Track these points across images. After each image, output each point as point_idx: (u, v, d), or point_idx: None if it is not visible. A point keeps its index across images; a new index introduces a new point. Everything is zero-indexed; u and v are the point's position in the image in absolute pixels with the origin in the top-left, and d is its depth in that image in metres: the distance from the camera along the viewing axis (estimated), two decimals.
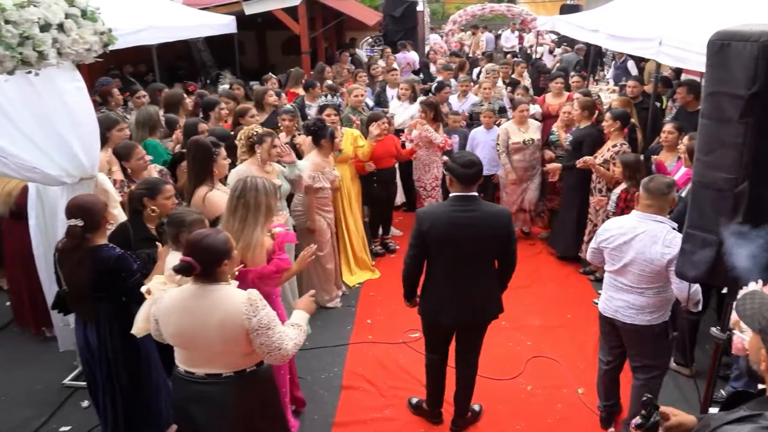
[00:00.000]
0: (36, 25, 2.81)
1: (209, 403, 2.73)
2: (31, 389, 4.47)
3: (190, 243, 2.63)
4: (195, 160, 4.15)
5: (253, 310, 2.61)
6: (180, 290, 2.72)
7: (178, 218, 3.18)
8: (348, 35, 15.31)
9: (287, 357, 2.73)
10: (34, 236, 4.10)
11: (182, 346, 2.75)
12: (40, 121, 3.33)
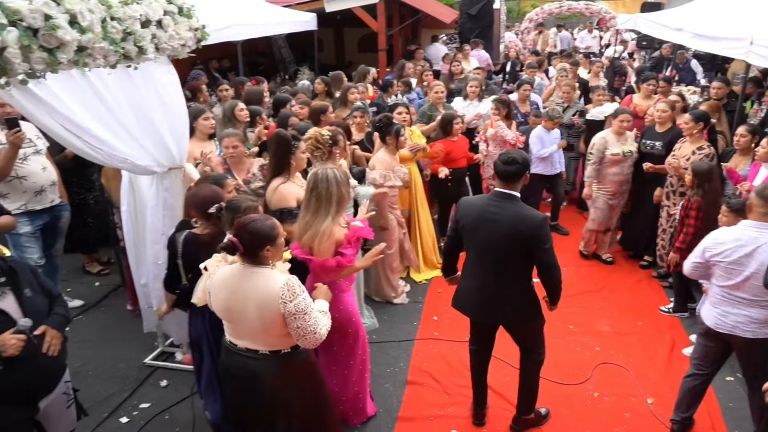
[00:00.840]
0: (138, 21, 2.96)
1: (246, 375, 2.92)
2: (116, 366, 4.68)
3: (239, 225, 2.81)
4: (275, 151, 4.26)
5: (290, 296, 2.73)
6: (228, 268, 2.89)
7: (234, 204, 3.28)
8: (424, 33, 15.26)
9: (320, 341, 2.85)
10: (125, 223, 4.29)
11: (227, 318, 2.95)
12: (137, 112, 3.49)
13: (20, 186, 4.64)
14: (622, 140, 6.08)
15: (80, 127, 3.17)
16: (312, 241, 3.39)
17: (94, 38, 2.63)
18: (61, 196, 5.03)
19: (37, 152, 4.75)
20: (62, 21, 2.42)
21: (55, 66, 2.48)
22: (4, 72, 2.26)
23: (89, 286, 5.96)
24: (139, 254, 4.29)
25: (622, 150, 6.04)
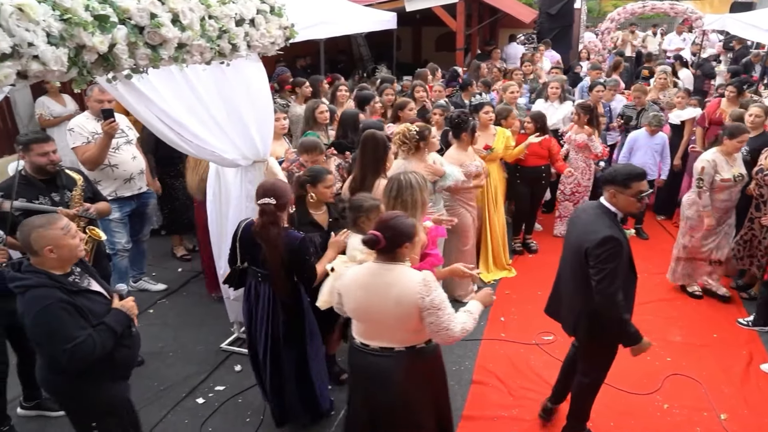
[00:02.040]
0: (233, 20, 3.04)
1: (380, 374, 2.91)
2: (194, 349, 4.83)
3: (381, 220, 2.84)
4: (369, 152, 4.27)
5: (427, 291, 2.72)
6: (362, 267, 2.92)
7: (357, 204, 3.33)
8: (502, 32, 15.05)
9: (453, 338, 2.81)
10: (210, 212, 4.42)
11: (360, 319, 2.95)
12: (227, 107, 3.60)
13: (111, 173, 4.88)
14: (731, 161, 5.30)
15: (175, 120, 3.31)
16: None
17: (193, 36, 2.72)
18: (148, 184, 5.26)
19: (128, 142, 4.99)
20: (166, 19, 2.52)
21: (157, 62, 2.58)
22: (112, 67, 2.37)
23: (173, 272, 6.19)
24: (221, 244, 4.40)
25: (733, 174, 5.25)
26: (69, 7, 2.09)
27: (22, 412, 4.02)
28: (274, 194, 3.36)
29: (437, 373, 3.14)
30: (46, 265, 2.68)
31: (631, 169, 3.22)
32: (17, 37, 1.92)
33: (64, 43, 2.10)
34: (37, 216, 2.78)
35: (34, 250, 2.66)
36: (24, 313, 2.62)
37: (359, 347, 2.98)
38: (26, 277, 2.63)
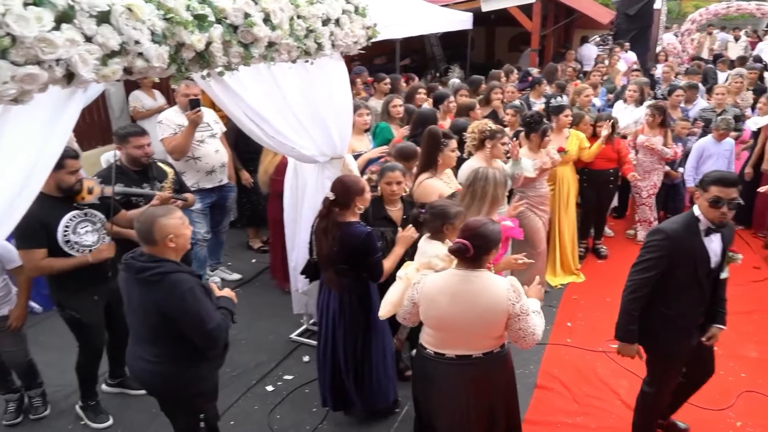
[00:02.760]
0: (319, 20, 3.10)
1: (457, 383, 2.86)
2: (265, 338, 4.94)
3: (469, 227, 2.76)
4: (425, 146, 4.29)
5: (517, 297, 2.69)
6: (445, 275, 2.84)
7: (442, 210, 3.26)
8: (577, 33, 14.68)
9: (536, 342, 2.79)
10: (287, 206, 4.51)
11: (439, 328, 2.86)
12: (309, 104, 3.67)
13: (195, 165, 5.06)
14: None
15: (260, 116, 3.39)
16: None
17: (282, 35, 2.79)
18: (229, 178, 5.41)
19: (213, 136, 5.16)
20: (258, 19, 2.59)
21: (248, 60, 2.66)
22: (207, 64, 2.46)
23: (247, 263, 6.35)
24: (295, 238, 4.49)
25: None
26: (172, 7, 2.17)
27: (106, 388, 4.23)
28: (336, 189, 3.42)
29: (509, 377, 3.09)
30: (163, 254, 2.75)
31: (718, 174, 3.09)
32: (125, 36, 2.01)
33: (166, 41, 2.19)
34: (157, 207, 2.90)
35: (155, 239, 2.71)
36: (166, 299, 2.68)
37: (432, 357, 2.90)
38: (159, 264, 2.69)
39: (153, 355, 2.84)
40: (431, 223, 3.27)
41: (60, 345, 4.15)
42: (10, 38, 1.67)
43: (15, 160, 2.01)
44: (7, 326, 3.67)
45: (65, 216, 3.45)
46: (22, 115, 1.95)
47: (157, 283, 2.68)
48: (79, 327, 3.72)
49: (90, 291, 3.61)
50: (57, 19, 1.79)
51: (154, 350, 2.84)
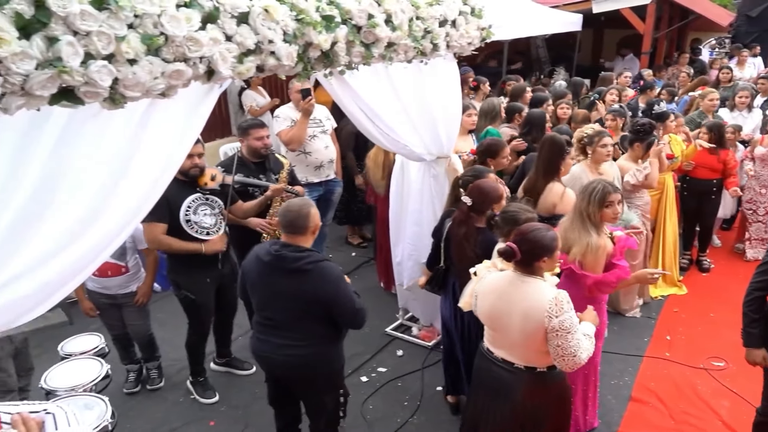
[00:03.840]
0: (437, 21, 3.10)
1: (498, 386, 2.82)
2: (362, 330, 5.04)
3: (520, 232, 2.72)
4: (546, 154, 4.17)
5: (557, 311, 2.56)
6: (499, 275, 2.83)
7: (512, 216, 3.20)
8: (691, 36, 13.87)
9: (578, 365, 2.64)
10: (392, 202, 4.58)
11: (489, 325, 2.88)
12: (421, 104, 3.69)
13: (305, 160, 5.22)
14: None
15: (376, 114, 3.46)
16: (582, 255, 3.25)
17: (401, 35, 2.82)
18: (336, 173, 5.54)
19: (324, 132, 5.32)
20: (380, 20, 2.64)
21: (368, 59, 2.71)
22: (330, 63, 2.53)
23: (347, 255, 6.50)
24: (399, 234, 4.54)
25: None
26: (303, 8, 2.25)
27: (214, 367, 4.47)
28: (474, 195, 3.41)
29: (560, 404, 2.91)
30: (306, 243, 2.89)
31: None
32: (261, 35, 2.11)
33: (296, 40, 2.27)
34: (304, 198, 3.05)
35: (306, 226, 2.87)
36: (321, 285, 2.84)
37: (485, 353, 2.91)
38: (308, 254, 2.85)
39: (298, 340, 2.95)
40: (501, 227, 3.22)
41: (175, 323, 4.42)
42: (163, 37, 1.79)
43: (156, 150, 2.16)
44: (135, 301, 3.96)
45: (188, 198, 3.68)
46: (165, 109, 2.10)
47: (310, 272, 2.82)
48: (192, 307, 3.95)
49: (203, 274, 3.84)
50: (203, 19, 1.90)
51: (296, 335, 2.95)
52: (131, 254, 3.89)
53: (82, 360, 3.00)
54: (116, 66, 1.70)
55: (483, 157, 4.39)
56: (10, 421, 1.50)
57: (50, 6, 1.51)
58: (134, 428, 3.87)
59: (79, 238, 2.02)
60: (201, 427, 3.93)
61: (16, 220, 1.84)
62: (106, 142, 1.99)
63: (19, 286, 1.91)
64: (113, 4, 1.64)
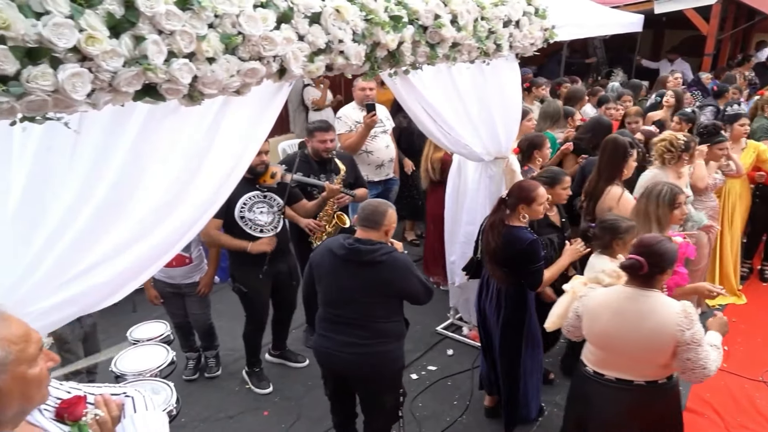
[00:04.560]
0: (501, 21, 3.07)
1: (614, 407, 2.71)
2: (413, 327, 4.92)
3: (644, 244, 2.61)
4: (608, 156, 4.09)
5: (688, 323, 2.47)
6: (612, 291, 2.71)
7: (612, 225, 3.12)
8: (756, 37, 13.29)
9: (708, 377, 2.55)
10: (448, 201, 4.57)
11: (601, 346, 2.73)
12: (481, 104, 3.67)
13: (366, 159, 5.27)
14: None
15: (438, 114, 3.46)
16: None
17: (466, 35, 2.81)
18: (394, 172, 5.57)
19: (384, 131, 5.36)
20: (446, 20, 2.63)
21: (433, 59, 2.71)
22: (396, 63, 2.54)
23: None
24: (454, 233, 4.53)
25: None
26: (373, 8, 2.27)
27: (268, 357, 4.55)
28: (512, 190, 3.39)
29: (674, 412, 2.83)
30: (379, 239, 2.94)
31: None
32: (331, 35, 2.13)
33: (364, 40, 2.29)
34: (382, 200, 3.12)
35: (382, 223, 2.94)
36: (395, 275, 2.92)
37: (591, 375, 2.76)
38: (381, 245, 2.92)
39: (365, 338, 2.98)
40: (600, 237, 3.13)
41: (233, 314, 4.52)
42: (240, 36, 1.83)
43: (229, 146, 2.22)
44: (197, 291, 4.07)
45: (246, 195, 3.76)
46: (238, 107, 2.15)
47: (384, 262, 2.88)
48: (246, 300, 4.06)
49: (256, 270, 3.88)
50: (278, 19, 1.94)
51: (364, 333, 2.98)
52: (195, 246, 4.00)
53: (149, 346, 3.10)
54: (196, 64, 1.75)
55: (529, 150, 4.41)
56: (94, 401, 1.56)
57: (139, 6, 1.56)
58: (192, 414, 3.97)
59: (154, 229, 2.09)
60: (255, 417, 4.01)
61: (97, 211, 1.92)
62: (183, 138, 2.05)
63: (98, 273, 2.00)
64: (196, 5, 1.69)
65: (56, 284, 1.88)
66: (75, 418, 1.48)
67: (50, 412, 1.49)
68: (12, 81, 1.41)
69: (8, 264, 1.77)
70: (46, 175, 1.76)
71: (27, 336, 1.35)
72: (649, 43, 12.99)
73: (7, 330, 1.31)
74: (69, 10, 1.45)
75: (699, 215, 4.44)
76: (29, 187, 1.74)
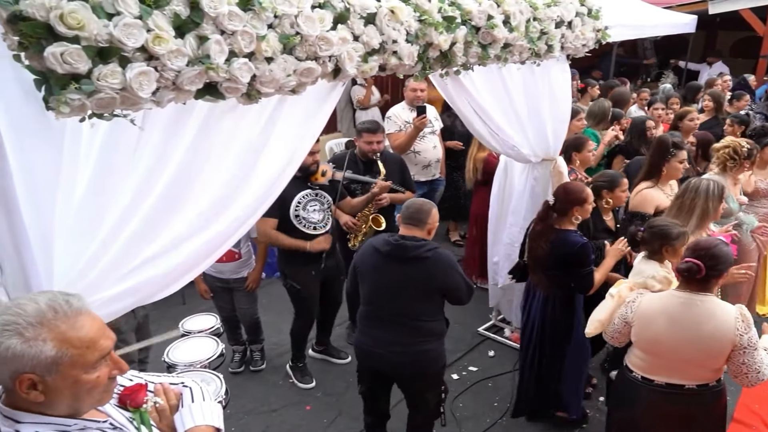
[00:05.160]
0: (553, 22, 3.03)
1: (665, 411, 2.69)
2: (453, 327, 4.93)
3: (701, 247, 2.56)
4: (651, 155, 4.06)
5: (746, 327, 2.45)
6: (664, 296, 2.67)
7: (663, 231, 3.03)
8: None
9: (761, 382, 2.51)
10: (493, 202, 4.54)
11: (651, 352, 2.71)
12: (529, 105, 3.64)
13: (414, 159, 5.28)
14: None
15: (487, 114, 3.44)
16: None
17: (518, 36, 2.77)
18: (440, 172, 5.56)
19: (433, 132, 5.36)
20: (499, 21, 2.61)
21: (485, 60, 2.69)
22: (448, 64, 2.53)
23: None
24: (498, 234, 4.49)
25: None
26: (427, 9, 2.26)
27: (311, 353, 4.60)
28: (558, 194, 3.35)
29: (721, 414, 2.79)
30: (423, 235, 2.98)
31: None
32: (385, 35, 2.14)
33: (417, 41, 2.29)
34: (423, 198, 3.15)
35: (426, 221, 2.98)
36: (439, 270, 2.94)
37: (639, 381, 2.74)
38: (426, 242, 2.95)
39: (408, 336, 3.01)
40: (650, 243, 3.05)
41: (278, 309, 4.59)
42: (298, 36, 1.85)
43: (283, 144, 2.25)
44: (245, 286, 4.14)
45: (299, 193, 3.80)
46: (293, 106, 2.18)
47: (429, 258, 2.90)
48: (297, 297, 4.09)
49: (308, 267, 3.95)
50: (334, 20, 1.96)
51: (408, 331, 3.00)
52: (244, 242, 4.07)
53: (199, 338, 3.16)
54: (255, 63, 1.78)
55: (568, 152, 4.35)
56: (154, 390, 1.61)
57: (203, 7, 1.60)
58: (237, 406, 4.04)
59: (209, 224, 2.14)
60: (298, 411, 4.06)
61: (157, 205, 1.97)
62: (240, 135, 2.09)
63: (156, 266, 2.05)
64: (257, 5, 1.72)
65: (117, 275, 1.94)
66: (136, 404, 1.53)
67: (113, 398, 1.52)
68: (84, 79, 1.46)
69: (72, 255, 1.82)
70: (111, 169, 1.81)
71: (92, 342, 1.34)
72: (702, 44, 12.60)
73: (73, 332, 1.32)
74: (138, 10, 1.50)
75: (749, 218, 4.36)
76: (94, 181, 1.79)
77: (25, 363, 1.26)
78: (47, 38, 1.39)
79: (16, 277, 1.68)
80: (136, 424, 1.52)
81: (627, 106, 6.26)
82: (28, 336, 1.27)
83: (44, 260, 1.70)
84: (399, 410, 3.87)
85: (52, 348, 1.28)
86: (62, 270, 1.79)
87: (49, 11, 1.37)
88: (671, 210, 3.34)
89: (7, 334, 1.26)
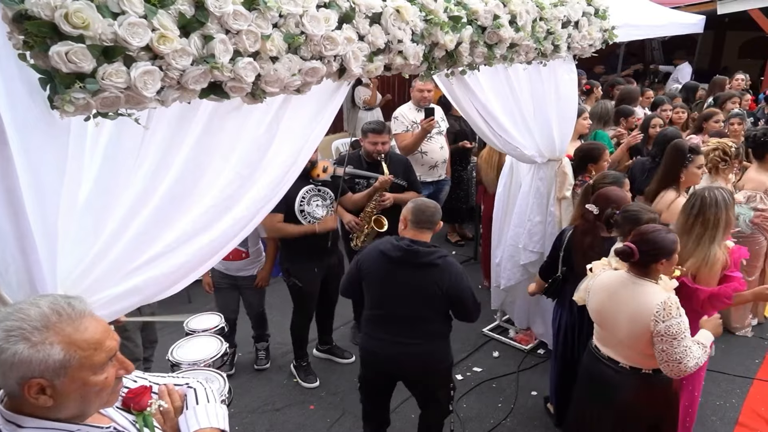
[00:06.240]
0: (560, 22, 3.02)
1: (603, 384, 2.82)
2: (458, 328, 4.96)
3: (639, 232, 2.66)
4: (667, 161, 3.99)
5: (664, 315, 2.51)
6: (612, 273, 2.80)
7: (633, 215, 3.07)
8: None
9: (684, 373, 2.57)
10: (498, 203, 4.53)
11: (598, 322, 2.89)
12: (535, 105, 3.63)
13: (420, 159, 5.28)
14: None
15: (491, 115, 3.42)
16: (697, 268, 3.08)
17: (524, 36, 2.76)
18: (446, 173, 5.56)
19: (440, 132, 5.35)
20: (505, 21, 2.60)
21: (491, 60, 2.68)
22: (453, 63, 2.52)
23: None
24: (501, 235, 4.48)
25: None
26: (433, 9, 2.26)
27: (316, 353, 4.60)
28: (600, 203, 3.28)
29: (664, 409, 2.83)
30: (426, 239, 2.97)
31: None
32: (391, 35, 2.13)
33: (423, 40, 2.28)
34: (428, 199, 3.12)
35: (435, 222, 2.97)
36: (448, 278, 2.90)
37: (593, 350, 2.93)
38: (436, 248, 2.95)
39: (417, 337, 3.00)
40: (621, 226, 3.09)
41: (284, 309, 4.58)
42: (303, 36, 1.85)
43: (288, 143, 2.25)
44: (255, 284, 4.17)
45: (302, 189, 3.83)
46: (298, 105, 2.17)
47: (438, 265, 2.90)
48: (299, 293, 4.10)
49: (311, 263, 3.98)
50: (340, 19, 1.95)
51: (416, 332, 3.00)
52: (252, 242, 4.08)
53: (204, 337, 3.17)
54: (260, 63, 1.77)
55: (583, 163, 4.24)
56: (158, 391, 1.60)
57: (208, 6, 1.60)
58: (241, 405, 4.05)
59: (214, 223, 2.13)
60: (302, 410, 4.06)
61: (162, 203, 1.97)
62: (244, 135, 2.09)
63: (161, 264, 2.05)
64: (262, 5, 1.71)
65: (122, 274, 1.94)
66: (140, 408, 1.52)
67: (117, 400, 1.51)
68: (88, 78, 1.46)
69: (77, 253, 1.83)
70: (115, 169, 1.82)
71: (98, 344, 1.34)
72: (710, 45, 12.53)
73: (79, 334, 1.31)
74: (143, 10, 1.50)
75: (744, 209, 4.33)
76: (99, 179, 1.79)
77: (33, 368, 1.25)
78: (52, 37, 1.39)
79: (20, 275, 1.68)
80: (139, 427, 1.51)
81: (633, 105, 6.21)
82: (35, 340, 1.25)
83: (49, 258, 1.70)
84: (401, 412, 3.89)
85: (59, 351, 1.27)
86: (67, 268, 1.79)
87: (54, 10, 1.37)
88: (693, 227, 3.13)
89: (13, 339, 1.24)
